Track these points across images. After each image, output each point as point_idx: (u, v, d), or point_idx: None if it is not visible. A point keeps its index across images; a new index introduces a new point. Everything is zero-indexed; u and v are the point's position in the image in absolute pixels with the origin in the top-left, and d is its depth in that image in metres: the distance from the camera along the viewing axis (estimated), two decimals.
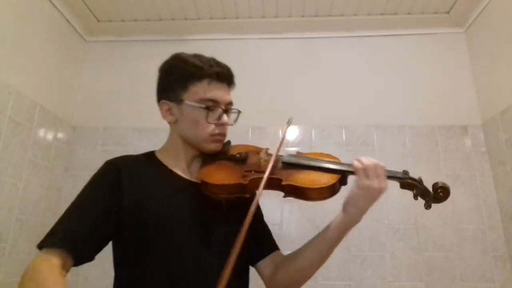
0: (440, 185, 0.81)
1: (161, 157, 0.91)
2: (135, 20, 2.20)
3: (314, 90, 2.05)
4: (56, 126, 1.90)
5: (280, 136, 0.84)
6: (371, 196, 0.76)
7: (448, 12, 2.08)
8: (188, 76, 0.85)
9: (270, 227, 1.00)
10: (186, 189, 0.85)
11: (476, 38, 2.00)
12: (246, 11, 2.11)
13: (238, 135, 0.99)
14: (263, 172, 0.77)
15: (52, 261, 0.69)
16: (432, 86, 2.01)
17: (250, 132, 1.96)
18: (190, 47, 2.43)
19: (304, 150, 1.96)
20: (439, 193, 0.81)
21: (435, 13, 2.09)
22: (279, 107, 1.99)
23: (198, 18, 2.17)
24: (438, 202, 0.82)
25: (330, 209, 0.90)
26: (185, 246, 0.78)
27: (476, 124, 1.92)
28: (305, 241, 0.87)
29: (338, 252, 0.95)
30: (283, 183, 0.80)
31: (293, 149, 1.93)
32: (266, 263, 0.91)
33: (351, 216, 0.79)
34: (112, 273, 0.87)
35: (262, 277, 0.92)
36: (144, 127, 2.03)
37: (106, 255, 0.85)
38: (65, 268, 0.71)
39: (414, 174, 0.86)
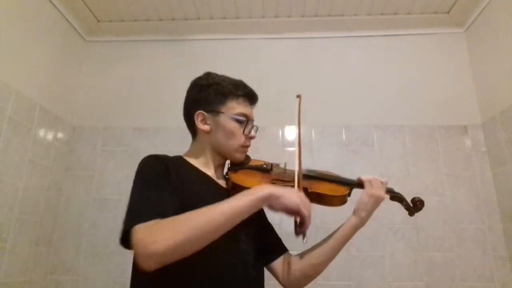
0: (417, 199, 1.04)
1: (191, 161, 0.98)
2: (135, 20, 2.20)
3: (314, 90, 2.05)
4: (56, 126, 1.90)
5: (296, 117, 1.09)
6: (375, 202, 0.97)
7: (448, 12, 2.08)
8: (228, 92, 0.97)
9: None
10: (219, 191, 0.94)
11: (476, 38, 2.00)
12: (246, 11, 2.11)
13: None
14: (288, 181, 0.93)
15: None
16: (432, 86, 2.01)
17: None
18: (190, 47, 2.45)
19: (304, 150, 1.96)
20: (418, 205, 1.03)
21: (435, 13, 2.09)
22: (279, 107, 1.99)
23: (198, 18, 2.17)
24: (417, 212, 1.05)
25: (328, 210, 0.98)
26: (223, 241, 0.78)
27: (476, 124, 1.92)
28: (304, 240, 0.91)
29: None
30: (310, 190, 0.94)
31: (293, 149, 1.93)
32: (279, 262, 1.00)
33: (362, 218, 0.97)
34: (112, 272, 0.87)
35: (277, 277, 1.00)
36: (144, 127, 2.03)
37: (106, 255, 0.85)
38: None
39: (414, 174, 0.94)
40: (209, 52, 2.16)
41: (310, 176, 1.00)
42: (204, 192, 0.90)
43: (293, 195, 0.80)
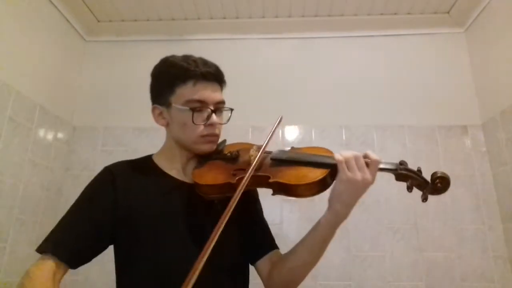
0: (438, 174, 0.75)
1: (157, 160, 0.93)
2: (135, 20, 2.20)
3: (314, 90, 2.05)
4: (56, 126, 1.90)
5: (270, 132, 0.82)
6: (354, 189, 0.73)
7: (448, 12, 2.08)
8: (174, 79, 0.85)
9: (270, 227, 1.00)
10: (179, 190, 0.87)
11: (476, 38, 2.00)
12: (246, 11, 2.11)
13: (239, 135, 0.99)
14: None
15: (45, 266, 0.74)
16: (432, 86, 2.01)
17: (250, 132, 1.96)
18: (190, 47, 2.42)
19: None
20: (437, 184, 0.75)
21: (435, 13, 2.09)
22: (279, 107, 1.99)
23: (198, 18, 2.17)
24: (436, 193, 0.76)
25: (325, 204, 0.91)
26: (177, 245, 0.80)
27: (476, 124, 1.92)
28: None
29: (338, 252, 0.96)
30: (271, 180, 0.78)
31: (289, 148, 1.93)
32: (264, 262, 0.90)
33: (337, 211, 0.76)
34: (112, 272, 0.88)
35: (261, 277, 0.91)
36: (144, 127, 2.03)
37: (105, 255, 0.85)
38: (58, 273, 0.75)
39: None
40: (209, 52, 2.13)
41: (280, 160, 0.82)
42: (151, 194, 0.85)
43: None
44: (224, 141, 0.94)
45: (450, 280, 1.69)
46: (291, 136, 1.98)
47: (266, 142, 0.81)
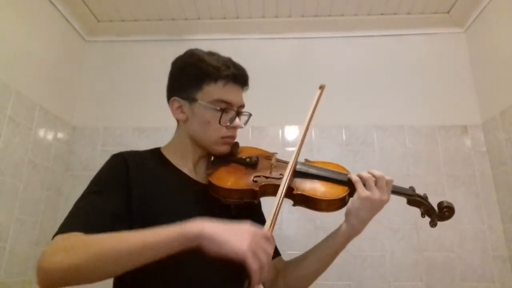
0: (445, 204, 0.84)
1: (167, 154, 0.88)
2: (135, 20, 2.20)
3: (314, 90, 2.05)
4: (56, 126, 1.90)
5: (312, 105, 0.84)
6: (372, 207, 0.78)
7: (448, 12, 2.08)
8: (204, 76, 0.83)
9: None
10: (193, 189, 0.84)
11: (476, 38, 2.00)
12: (246, 11, 2.11)
13: (238, 135, 0.99)
14: (273, 178, 0.80)
15: (56, 239, 0.66)
16: (432, 86, 2.01)
17: (250, 132, 1.96)
18: (190, 47, 2.42)
19: (304, 150, 1.96)
20: (445, 212, 0.84)
21: (435, 13, 2.09)
22: (279, 107, 2.00)
23: (198, 18, 2.17)
24: (443, 220, 0.85)
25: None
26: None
27: (476, 124, 1.92)
28: (305, 241, 0.88)
29: None
30: (295, 192, 0.80)
31: (293, 149, 1.93)
32: (269, 268, 0.90)
33: (354, 226, 0.81)
34: None
35: (264, 283, 0.91)
36: (144, 127, 2.03)
37: None
38: None
39: (414, 174, 0.88)
40: None
41: (301, 173, 0.84)
42: (168, 194, 0.79)
43: (238, 240, 0.58)
44: (237, 144, 0.92)
45: (450, 280, 1.69)
46: (291, 136, 1.98)
47: (298, 150, 0.85)
